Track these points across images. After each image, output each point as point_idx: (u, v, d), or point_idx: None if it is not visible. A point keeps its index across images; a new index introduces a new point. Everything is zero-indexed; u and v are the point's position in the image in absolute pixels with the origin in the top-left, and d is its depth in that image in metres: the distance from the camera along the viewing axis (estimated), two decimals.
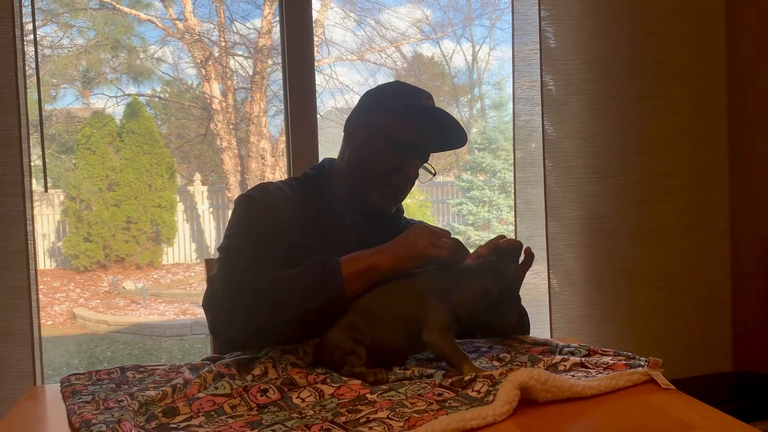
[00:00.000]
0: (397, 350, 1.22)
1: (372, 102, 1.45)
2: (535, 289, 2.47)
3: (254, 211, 1.34)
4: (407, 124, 1.39)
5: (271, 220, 1.33)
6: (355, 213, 1.42)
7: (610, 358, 1.17)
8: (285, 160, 2.53)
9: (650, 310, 2.51)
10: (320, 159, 2.39)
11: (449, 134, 1.44)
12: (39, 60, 2.20)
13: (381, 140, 1.39)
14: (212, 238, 7.18)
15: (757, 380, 2.44)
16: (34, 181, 2.11)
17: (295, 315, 1.17)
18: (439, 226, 1.29)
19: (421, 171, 1.48)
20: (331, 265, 1.18)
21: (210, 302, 1.23)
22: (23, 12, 2.08)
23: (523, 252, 1.24)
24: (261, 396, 1.03)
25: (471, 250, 1.28)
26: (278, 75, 6.73)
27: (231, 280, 1.23)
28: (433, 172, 1.48)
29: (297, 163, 2.36)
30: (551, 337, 2.36)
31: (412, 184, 1.44)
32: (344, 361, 1.13)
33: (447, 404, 0.98)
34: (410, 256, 1.18)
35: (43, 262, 6.91)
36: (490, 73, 8.30)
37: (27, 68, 2.07)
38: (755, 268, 2.54)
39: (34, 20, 2.19)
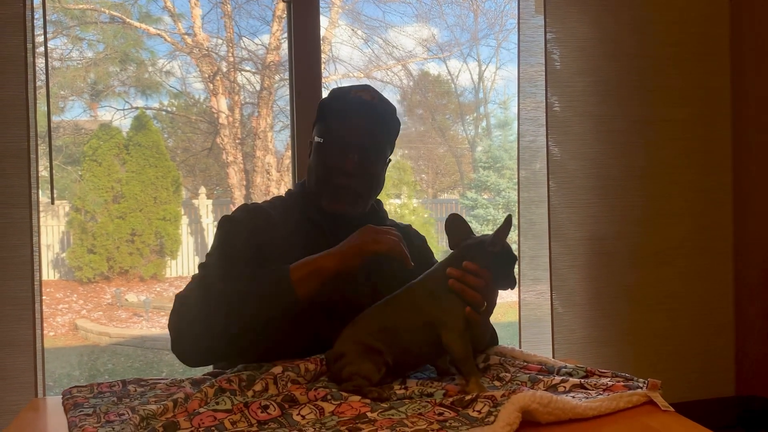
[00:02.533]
0: (421, 357, 1.23)
1: (315, 120, 1.52)
2: (537, 309, 2.46)
3: (229, 231, 1.39)
4: (334, 124, 1.43)
5: (245, 237, 1.36)
6: (331, 222, 1.44)
7: (609, 379, 1.17)
8: (290, 175, 2.54)
9: (652, 333, 2.51)
10: None
11: (379, 118, 1.45)
12: (48, 72, 2.23)
13: (317, 148, 1.45)
14: None
15: (759, 405, 2.43)
16: (40, 192, 2.12)
17: (249, 324, 1.20)
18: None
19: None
20: (281, 272, 1.22)
21: (171, 320, 1.26)
22: (34, 24, 2.10)
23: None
24: (261, 412, 1.03)
25: None
26: (285, 91, 6.77)
27: (188, 296, 1.26)
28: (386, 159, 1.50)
29: (302, 178, 2.37)
30: (553, 357, 2.35)
31: (364, 179, 1.43)
32: (351, 379, 1.14)
33: (448, 424, 0.98)
34: (354, 253, 1.24)
35: (47, 272, 6.92)
36: (495, 93, 8.35)
37: (36, 80, 2.09)
38: (758, 291, 2.53)
39: (45, 32, 2.21)
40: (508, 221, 1.18)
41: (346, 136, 1.41)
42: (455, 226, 1.26)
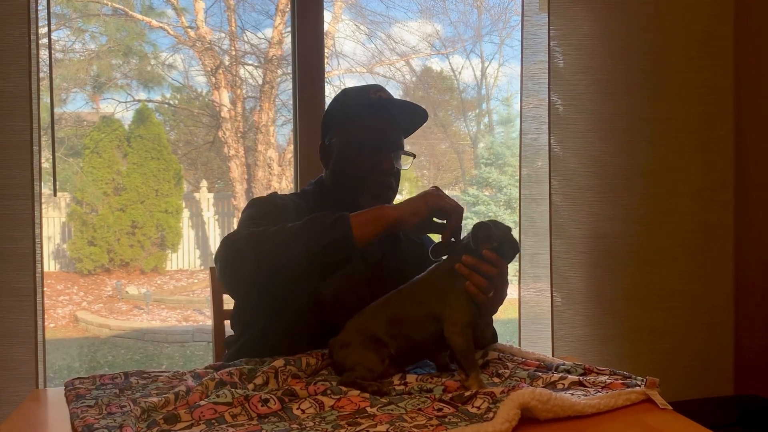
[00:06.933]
0: (424, 349, 1.24)
1: (329, 121, 1.54)
2: (537, 307, 2.47)
3: (264, 206, 1.41)
4: (364, 124, 1.46)
5: (277, 215, 1.38)
6: None
7: (607, 377, 1.17)
8: (292, 169, 2.54)
9: (652, 331, 2.51)
10: None
11: (407, 115, 1.51)
12: (52, 63, 2.23)
13: (348, 149, 1.47)
14: (216, 245, 7.18)
15: (758, 405, 2.43)
16: (42, 184, 2.13)
17: (301, 254, 1.18)
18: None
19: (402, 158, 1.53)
20: (341, 213, 1.22)
21: (219, 253, 1.26)
22: (38, 16, 2.10)
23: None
24: (262, 406, 1.03)
25: None
26: (287, 85, 6.76)
27: (240, 231, 1.27)
28: (413, 155, 1.53)
29: (304, 172, 2.38)
30: (552, 354, 2.36)
31: (397, 176, 1.49)
32: (354, 368, 1.15)
33: (446, 419, 0.99)
34: (419, 204, 1.24)
35: (48, 264, 6.92)
36: (498, 89, 8.32)
37: (40, 72, 2.10)
38: (758, 290, 2.53)
39: (49, 24, 2.21)
40: (475, 229, 1.20)
41: (379, 136, 1.46)
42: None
